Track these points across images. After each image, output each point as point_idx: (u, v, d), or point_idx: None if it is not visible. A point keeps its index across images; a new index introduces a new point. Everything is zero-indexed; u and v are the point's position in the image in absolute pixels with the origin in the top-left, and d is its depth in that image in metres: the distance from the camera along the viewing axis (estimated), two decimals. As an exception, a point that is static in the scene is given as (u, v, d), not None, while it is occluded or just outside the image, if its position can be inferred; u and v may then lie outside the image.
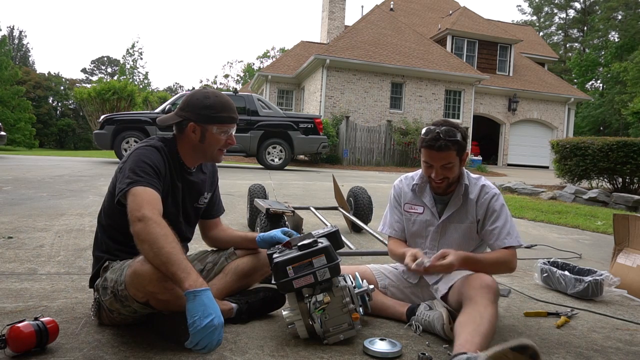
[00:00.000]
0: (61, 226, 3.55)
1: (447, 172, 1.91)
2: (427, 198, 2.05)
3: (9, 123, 30.69)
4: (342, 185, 5.12)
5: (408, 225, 2.10)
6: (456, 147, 1.87)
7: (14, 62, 38.77)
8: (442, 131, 1.86)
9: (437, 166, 1.90)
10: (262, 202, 3.04)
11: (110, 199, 1.76)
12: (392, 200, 2.18)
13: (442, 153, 1.86)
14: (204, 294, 1.41)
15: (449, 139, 1.85)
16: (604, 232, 5.00)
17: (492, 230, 1.93)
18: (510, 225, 1.94)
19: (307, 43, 23.51)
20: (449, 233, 2.01)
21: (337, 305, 1.71)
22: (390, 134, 16.62)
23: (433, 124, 1.93)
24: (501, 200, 1.98)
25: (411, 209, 2.09)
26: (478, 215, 1.97)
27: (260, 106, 10.88)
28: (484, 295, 1.67)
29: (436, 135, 1.85)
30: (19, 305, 1.92)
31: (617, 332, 2.09)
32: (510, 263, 1.90)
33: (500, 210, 1.95)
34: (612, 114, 31.60)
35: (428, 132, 1.89)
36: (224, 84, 51.08)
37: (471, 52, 21.33)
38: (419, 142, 1.95)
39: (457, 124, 1.94)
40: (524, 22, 43.91)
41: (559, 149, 9.21)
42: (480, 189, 1.99)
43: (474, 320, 1.58)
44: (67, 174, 7.33)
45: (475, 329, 1.54)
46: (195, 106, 1.81)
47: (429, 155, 1.90)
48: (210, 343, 1.39)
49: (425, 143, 1.89)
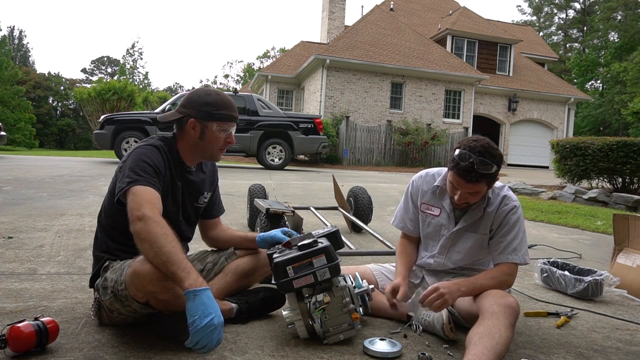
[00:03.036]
0: (61, 226, 3.55)
1: (472, 198, 1.83)
2: (447, 202, 1.98)
3: (9, 123, 30.69)
4: (342, 185, 5.12)
5: (423, 225, 2.07)
6: (487, 180, 1.76)
7: (14, 62, 38.75)
8: (477, 162, 1.71)
9: (464, 192, 1.81)
10: (262, 202, 3.04)
11: (111, 199, 1.76)
12: (408, 195, 2.11)
13: (470, 184, 1.76)
14: (204, 293, 1.41)
15: (483, 172, 1.72)
16: (604, 232, 5.00)
17: (500, 242, 1.88)
18: (520, 242, 1.87)
19: (307, 43, 23.50)
20: (461, 241, 1.97)
21: (337, 305, 1.71)
22: (390, 134, 16.62)
23: (469, 147, 1.75)
24: (519, 213, 1.90)
25: (428, 209, 2.03)
26: (493, 225, 1.91)
27: (260, 106, 10.88)
28: (507, 316, 1.61)
29: (470, 165, 1.72)
30: (19, 305, 1.92)
31: (617, 332, 2.09)
32: (507, 282, 1.84)
33: (514, 224, 1.88)
34: (612, 114, 31.59)
35: (462, 157, 1.74)
36: (224, 84, 51.09)
37: (471, 52, 21.32)
38: (449, 162, 1.80)
39: (496, 149, 1.77)
40: (524, 22, 43.92)
41: (559, 149, 9.21)
42: (500, 200, 1.90)
43: (493, 336, 1.53)
44: (67, 174, 7.33)
45: (493, 346, 1.49)
46: (196, 103, 1.81)
47: (457, 182, 1.79)
48: (210, 342, 1.39)
49: (458, 170, 1.75)
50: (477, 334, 1.55)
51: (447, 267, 2.01)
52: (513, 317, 1.63)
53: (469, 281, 1.78)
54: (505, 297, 1.69)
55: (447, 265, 2.01)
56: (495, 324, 1.57)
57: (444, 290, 1.68)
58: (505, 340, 1.54)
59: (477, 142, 1.78)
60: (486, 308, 1.65)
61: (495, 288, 1.77)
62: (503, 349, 1.51)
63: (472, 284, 1.77)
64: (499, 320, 1.58)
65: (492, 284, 1.78)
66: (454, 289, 1.71)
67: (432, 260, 2.03)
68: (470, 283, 1.77)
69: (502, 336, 1.54)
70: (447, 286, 1.71)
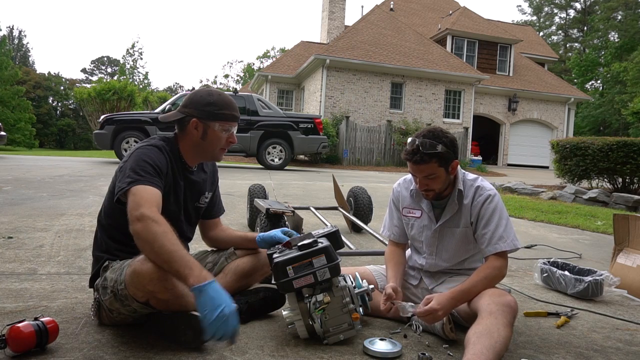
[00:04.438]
0: (61, 226, 3.55)
1: (432, 183, 1.86)
2: (425, 203, 2.01)
3: (9, 123, 30.68)
4: (342, 185, 5.12)
5: (407, 229, 2.09)
6: (437, 159, 1.80)
7: (14, 62, 38.77)
8: (421, 143, 1.79)
9: (419, 177, 1.86)
10: (262, 202, 3.04)
11: (111, 198, 1.76)
12: (391, 203, 2.16)
13: (421, 166, 1.81)
14: (209, 286, 1.41)
15: (427, 152, 1.78)
16: (604, 232, 5.00)
17: (484, 234, 1.86)
18: (505, 228, 1.84)
19: (307, 43, 23.51)
20: (446, 238, 1.98)
21: (337, 305, 1.71)
22: (390, 134, 16.62)
23: (416, 134, 1.86)
24: (496, 201, 1.88)
25: (409, 213, 2.07)
26: (472, 217, 1.92)
27: (260, 106, 10.89)
28: (505, 315, 1.61)
29: (415, 148, 1.80)
30: (19, 305, 1.92)
31: (617, 332, 2.09)
32: (498, 276, 1.81)
33: (493, 213, 1.86)
34: (612, 114, 31.58)
35: (409, 143, 1.83)
36: (224, 84, 51.12)
37: (471, 52, 21.33)
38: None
39: (444, 132, 1.86)
40: (524, 22, 43.91)
41: (559, 149, 9.21)
42: (474, 191, 1.91)
43: (491, 335, 1.52)
44: (67, 174, 7.33)
45: (492, 345, 1.49)
46: (198, 103, 1.81)
47: (411, 168, 1.87)
48: (226, 332, 1.39)
49: (406, 156, 1.84)
50: (475, 334, 1.55)
51: (441, 266, 2.02)
52: (511, 316, 1.63)
53: (461, 289, 1.76)
54: (502, 295, 1.70)
55: (440, 265, 2.01)
56: (494, 322, 1.57)
57: (436, 306, 1.68)
58: (504, 339, 1.54)
59: (428, 128, 1.89)
60: (484, 307, 1.65)
61: (489, 287, 1.77)
62: (502, 347, 1.51)
63: (464, 291, 1.75)
64: (497, 319, 1.58)
65: (485, 284, 1.76)
66: (446, 302, 1.70)
67: (424, 261, 2.04)
68: (462, 291, 1.75)
69: (501, 335, 1.54)
70: (440, 301, 1.70)
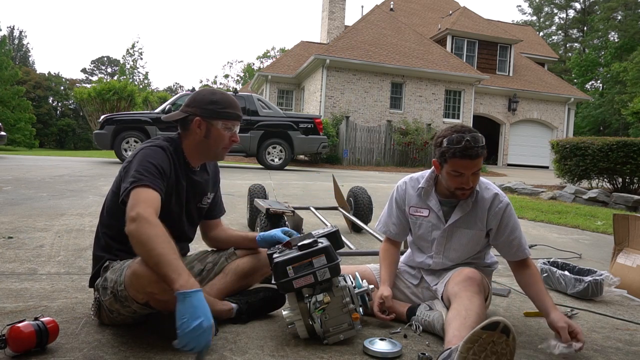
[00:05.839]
0: (61, 226, 3.55)
1: (476, 179, 1.86)
2: (433, 201, 2.00)
3: (9, 123, 30.68)
4: (342, 185, 5.12)
5: (414, 228, 2.08)
6: (485, 152, 1.83)
7: (14, 62, 38.75)
8: (471, 138, 1.76)
9: (469, 174, 1.82)
10: (262, 202, 3.04)
11: (114, 199, 1.76)
12: (393, 200, 2.14)
13: (475, 160, 1.79)
14: (194, 295, 1.38)
15: (480, 145, 1.78)
16: (604, 232, 5.00)
17: (512, 241, 1.92)
18: (523, 237, 1.95)
19: (307, 43, 23.51)
20: (455, 238, 1.98)
21: (337, 305, 1.71)
22: (390, 134, 16.62)
23: (456, 131, 1.80)
24: (513, 209, 1.97)
25: (416, 212, 2.05)
26: (490, 224, 1.93)
27: (260, 106, 10.88)
28: (467, 288, 1.69)
29: (468, 143, 1.76)
30: (19, 305, 1.92)
31: (617, 332, 2.09)
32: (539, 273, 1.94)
33: (516, 220, 1.95)
34: (612, 114, 31.59)
35: (457, 140, 1.77)
36: (224, 84, 51.12)
37: (471, 52, 21.33)
38: (442, 155, 1.82)
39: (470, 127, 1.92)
40: (524, 22, 43.93)
41: (559, 149, 9.21)
42: (493, 197, 1.94)
43: (459, 314, 1.60)
44: (67, 174, 7.33)
45: (462, 323, 1.56)
46: (201, 102, 1.82)
47: (463, 164, 1.79)
48: (198, 345, 1.36)
49: (460, 153, 1.76)
50: (447, 321, 1.64)
51: (446, 265, 2.02)
52: (474, 286, 1.70)
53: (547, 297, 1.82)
54: (461, 272, 1.79)
55: (446, 264, 2.02)
56: (459, 302, 1.66)
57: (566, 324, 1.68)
58: (475, 310, 1.61)
59: (457, 126, 1.85)
60: (450, 293, 1.75)
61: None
62: (475, 319, 1.57)
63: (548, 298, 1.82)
64: (462, 297, 1.67)
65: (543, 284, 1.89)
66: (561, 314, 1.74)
67: (430, 261, 2.04)
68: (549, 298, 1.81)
69: (469, 309, 1.61)
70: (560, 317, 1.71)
